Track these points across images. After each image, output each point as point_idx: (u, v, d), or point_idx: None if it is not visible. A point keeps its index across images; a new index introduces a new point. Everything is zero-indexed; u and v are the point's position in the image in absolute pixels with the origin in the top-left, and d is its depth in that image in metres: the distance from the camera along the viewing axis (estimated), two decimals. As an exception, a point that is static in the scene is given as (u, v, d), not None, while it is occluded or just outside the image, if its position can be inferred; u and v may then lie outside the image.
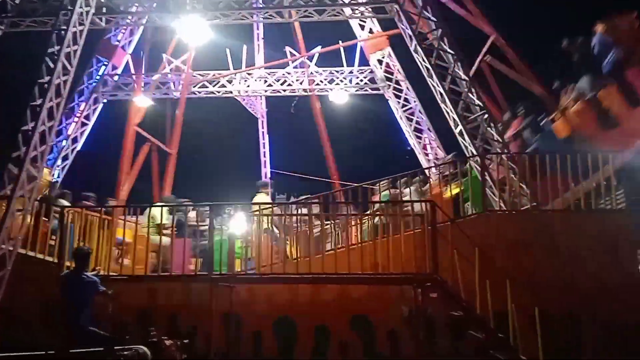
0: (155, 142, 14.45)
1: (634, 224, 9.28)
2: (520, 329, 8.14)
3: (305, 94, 19.76)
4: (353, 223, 10.69)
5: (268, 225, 9.81)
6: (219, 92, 19.71)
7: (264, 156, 21.57)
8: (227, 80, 19.57)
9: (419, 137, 17.82)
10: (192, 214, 11.20)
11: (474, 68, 13.27)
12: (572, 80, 11.17)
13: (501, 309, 8.19)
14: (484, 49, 12.56)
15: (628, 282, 8.89)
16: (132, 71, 18.73)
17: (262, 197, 11.43)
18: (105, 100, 18.73)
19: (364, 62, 19.04)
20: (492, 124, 13.83)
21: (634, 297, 8.82)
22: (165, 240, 9.74)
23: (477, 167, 10.98)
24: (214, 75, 19.50)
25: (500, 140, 13.06)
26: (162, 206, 10.94)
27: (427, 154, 17.59)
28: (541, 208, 10.07)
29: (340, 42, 19.02)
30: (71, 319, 7.26)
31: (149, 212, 10.46)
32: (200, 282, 8.87)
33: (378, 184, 11.07)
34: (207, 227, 9.62)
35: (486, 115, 13.82)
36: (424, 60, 14.93)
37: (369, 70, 18.98)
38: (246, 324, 8.90)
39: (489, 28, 13.50)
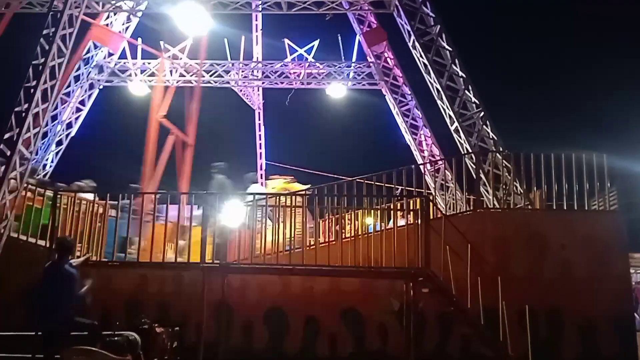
0: (179, 134, 14.27)
1: (625, 226, 9.36)
2: (510, 325, 8.19)
3: (303, 86, 19.70)
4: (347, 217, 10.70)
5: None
6: (215, 82, 19.61)
7: (260, 148, 21.54)
8: (224, 71, 19.47)
9: (415, 134, 17.83)
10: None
11: None
12: None
13: (491, 305, 8.24)
14: None
15: (617, 284, 8.98)
16: (129, 58, 18.59)
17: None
18: (101, 87, 18.60)
19: (362, 57, 19.01)
20: (487, 122, 13.88)
21: (622, 297, 8.94)
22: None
23: (472, 164, 11.00)
24: (211, 64, 19.38)
25: (496, 138, 13.12)
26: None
27: (422, 151, 17.61)
28: (534, 207, 10.14)
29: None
30: (50, 310, 6.81)
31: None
32: (192, 270, 8.86)
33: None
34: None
35: (482, 113, 13.88)
36: (421, 57, 14.96)
37: (367, 65, 18.93)
38: (237, 314, 8.90)
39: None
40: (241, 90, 20.58)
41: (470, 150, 13.04)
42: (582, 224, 9.33)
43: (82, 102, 18.08)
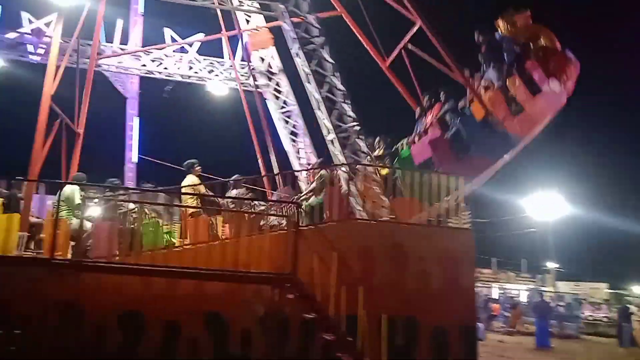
0: (65, 119, 12.78)
1: (474, 242, 10.24)
2: (369, 332, 8.52)
3: (182, 80, 18.99)
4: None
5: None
6: (85, 64, 18.12)
7: (130, 139, 20.26)
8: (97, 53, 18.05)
9: (294, 141, 17.98)
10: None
11: (394, 54, 13.64)
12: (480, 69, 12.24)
13: (354, 313, 8.51)
14: (408, 36, 13.25)
15: (465, 296, 9.78)
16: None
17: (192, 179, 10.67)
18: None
19: (247, 57, 18.79)
20: (361, 137, 14.45)
21: (468, 308, 9.76)
22: (87, 224, 8.92)
23: (345, 176, 11.36)
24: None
25: (368, 153, 13.68)
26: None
27: (299, 158, 17.80)
28: (397, 220, 10.69)
29: (224, 33, 18.60)
30: None
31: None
32: (40, 267, 8.03)
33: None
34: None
35: (357, 127, 14.40)
36: (303, 65, 15.16)
37: (251, 67, 18.76)
38: (90, 316, 8.21)
39: (415, 15, 14.11)
40: (114, 77, 19.29)
41: (344, 162, 13.45)
42: (439, 239, 10.03)
43: None
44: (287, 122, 18.13)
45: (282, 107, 18.22)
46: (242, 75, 18.84)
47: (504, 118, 11.42)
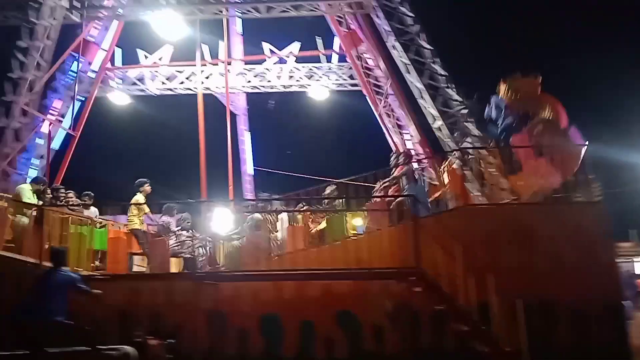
0: (52, 122, 14.99)
1: (609, 215, 9.49)
2: (502, 319, 8.26)
3: (285, 90, 19.70)
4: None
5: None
6: (196, 88, 19.47)
7: (244, 154, 21.40)
8: (205, 77, 19.36)
9: (399, 133, 17.90)
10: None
11: (381, 105, 13.35)
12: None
13: (483, 301, 8.30)
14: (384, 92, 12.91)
15: (604, 272, 9.10)
16: (108, 67, 18.37)
17: (140, 198, 10.52)
18: (82, 98, 18.25)
19: (343, 58, 19.07)
20: (470, 120, 14.02)
21: (610, 286, 9.07)
22: (25, 220, 9.56)
23: (458, 160, 11.10)
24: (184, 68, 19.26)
25: (479, 134, 13.25)
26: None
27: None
28: (519, 201, 10.23)
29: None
30: (40, 311, 7.04)
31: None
32: (184, 280, 8.80)
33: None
34: None
35: (464, 110, 14.02)
36: (401, 56, 15.04)
37: (348, 67, 18.98)
38: (231, 322, 8.85)
39: (387, 72, 13.79)
40: (223, 96, 20.48)
41: (453, 148, 13.16)
42: (568, 215, 9.43)
43: (62, 115, 17.77)
44: (389, 115, 18.09)
45: (384, 102, 18.22)
46: (339, 77, 19.13)
47: (459, 195, 10.16)
